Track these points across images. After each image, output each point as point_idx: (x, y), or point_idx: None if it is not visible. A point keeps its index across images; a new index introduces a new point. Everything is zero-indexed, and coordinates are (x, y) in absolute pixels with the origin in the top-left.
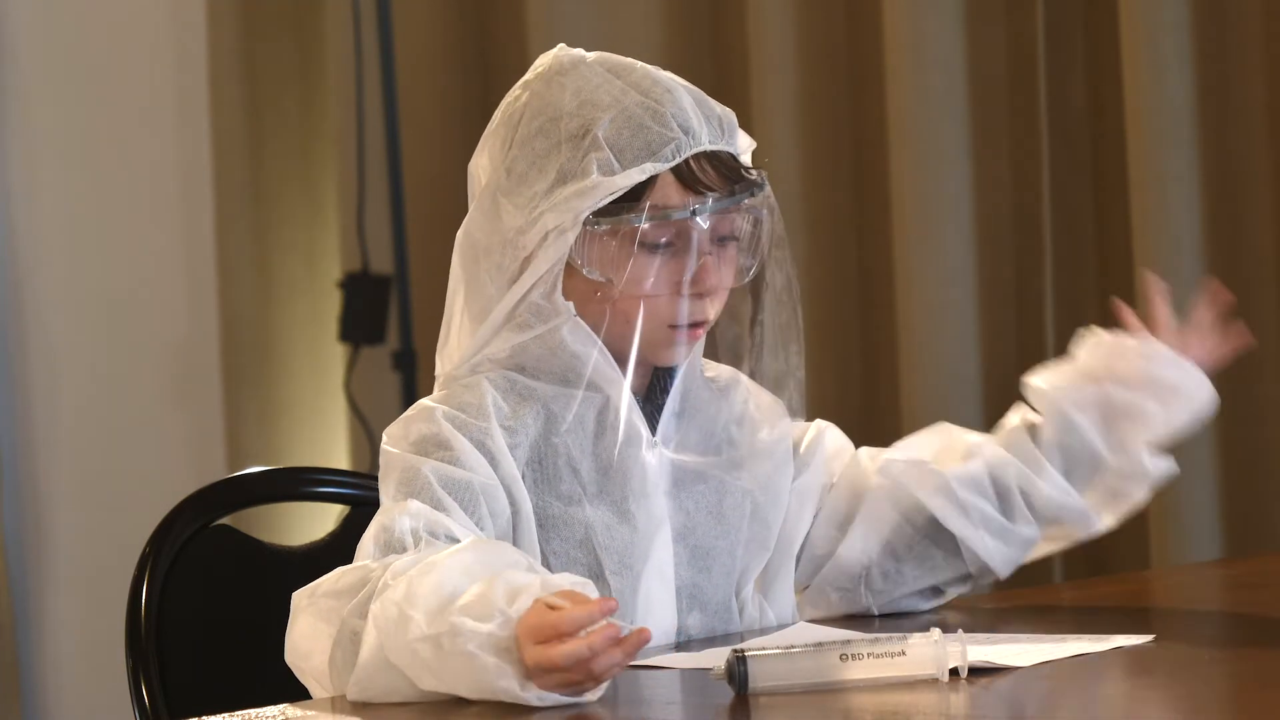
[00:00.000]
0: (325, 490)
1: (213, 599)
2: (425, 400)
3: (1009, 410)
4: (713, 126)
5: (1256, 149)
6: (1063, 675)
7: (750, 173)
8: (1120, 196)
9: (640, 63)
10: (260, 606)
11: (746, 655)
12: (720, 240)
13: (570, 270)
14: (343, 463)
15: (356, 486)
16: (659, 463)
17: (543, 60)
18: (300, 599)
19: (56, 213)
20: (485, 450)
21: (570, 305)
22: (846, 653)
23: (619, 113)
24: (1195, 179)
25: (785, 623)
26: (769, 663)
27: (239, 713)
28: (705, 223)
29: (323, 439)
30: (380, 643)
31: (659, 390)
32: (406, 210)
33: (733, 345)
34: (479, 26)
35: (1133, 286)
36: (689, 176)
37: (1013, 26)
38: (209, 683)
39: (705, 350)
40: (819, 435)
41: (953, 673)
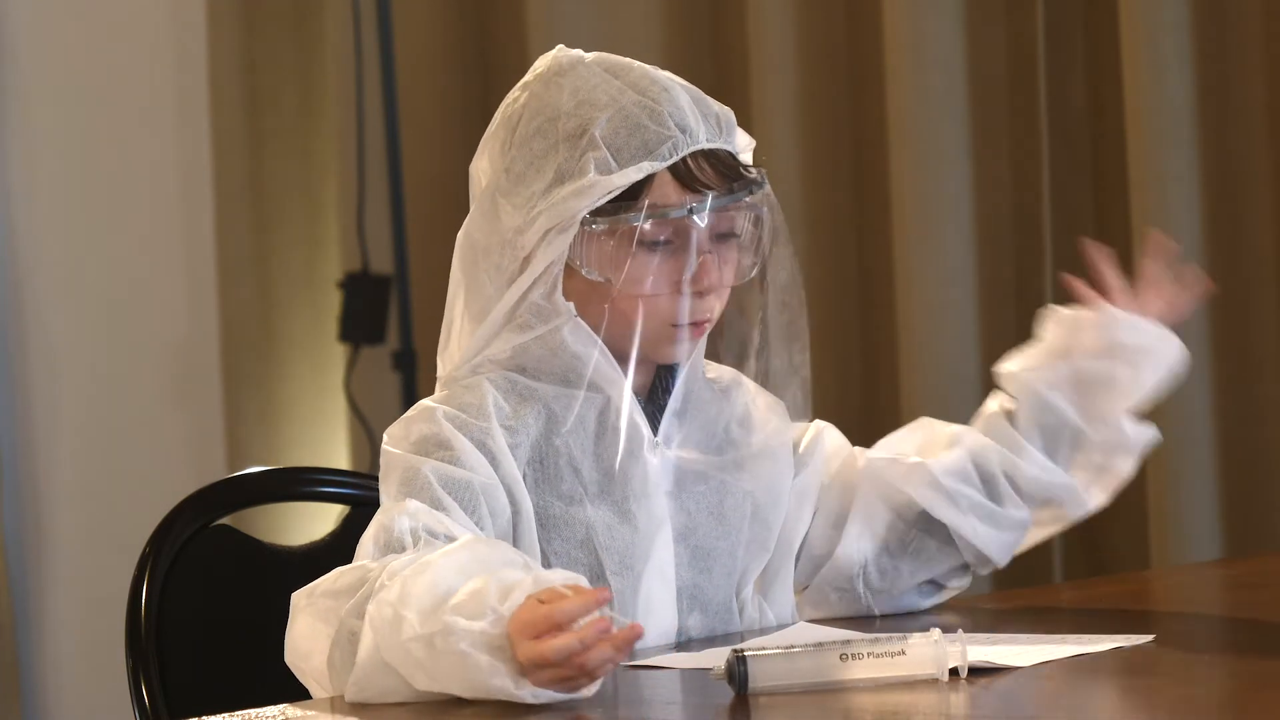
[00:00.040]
0: (325, 490)
1: (213, 599)
2: (426, 400)
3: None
4: (710, 125)
5: (1256, 149)
6: (1063, 675)
7: (749, 171)
8: (1120, 196)
9: (638, 63)
10: (260, 606)
11: (746, 655)
12: (720, 238)
13: (571, 271)
14: (343, 463)
15: (356, 486)
16: (660, 463)
17: (541, 62)
18: (299, 599)
19: (56, 213)
20: (486, 450)
21: (571, 306)
22: (846, 653)
23: (616, 112)
24: (1195, 179)
25: (785, 623)
26: (769, 663)
27: (239, 713)
28: (703, 221)
29: (323, 439)
30: (376, 643)
31: (661, 390)
32: (406, 210)
33: (738, 344)
34: (479, 26)
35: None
36: (686, 175)
37: (1013, 26)
38: (209, 683)
39: (710, 350)
40: (818, 435)
41: (953, 673)
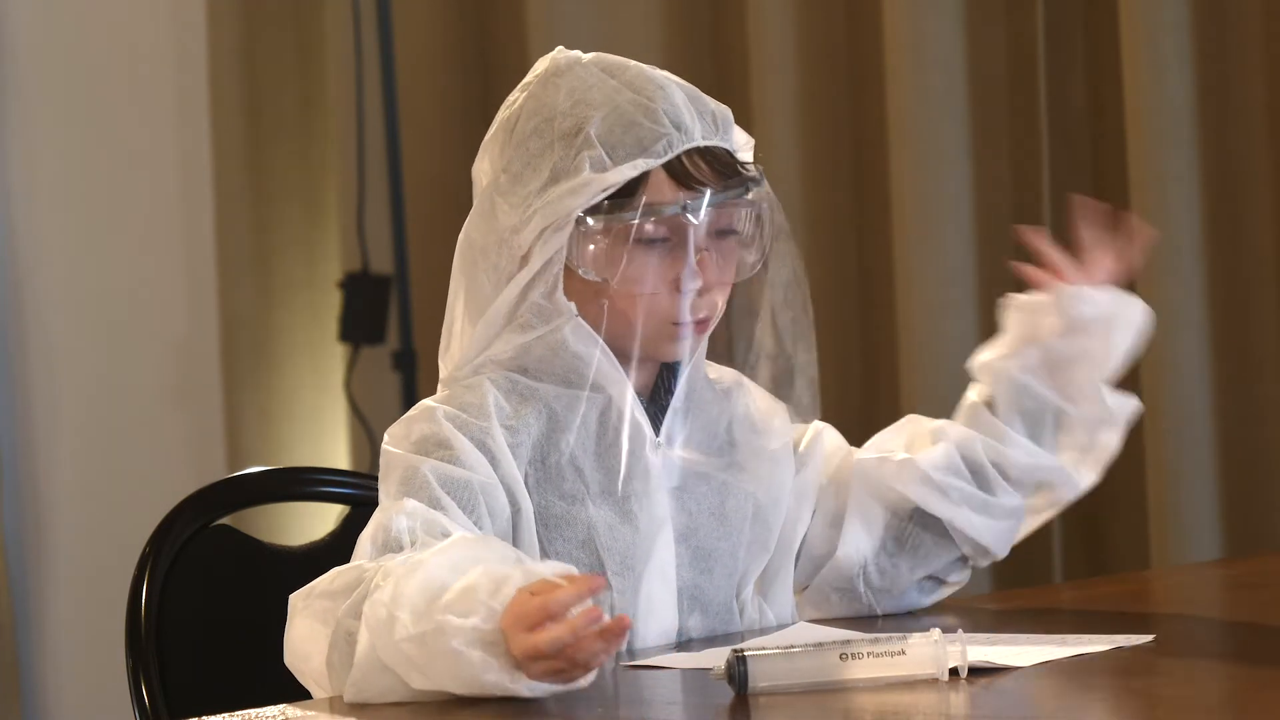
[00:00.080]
0: (325, 490)
1: (213, 599)
2: (427, 400)
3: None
4: (706, 122)
5: (1256, 149)
6: (1063, 675)
7: (746, 168)
8: (1120, 196)
9: (636, 62)
10: (260, 606)
11: (746, 655)
12: (718, 235)
13: (571, 270)
14: (343, 463)
15: (356, 486)
16: (662, 463)
17: (541, 63)
18: (297, 601)
19: (56, 213)
20: (486, 450)
21: (572, 305)
22: (846, 652)
23: (611, 110)
24: (1195, 179)
25: (785, 623)
26: (769, 662)
27: (239, 713)
28: (697, 218)
29: (323, 439)
30: (372, 643)
31: (663, 391)
32: (406, 210)
33: (744, 344)
34: (479, 26)
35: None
36: (681, 172)
37: (1013, 26)
38: (209, 683)
39: (715, 350)
40: (817, 435)
41: (953, 672)
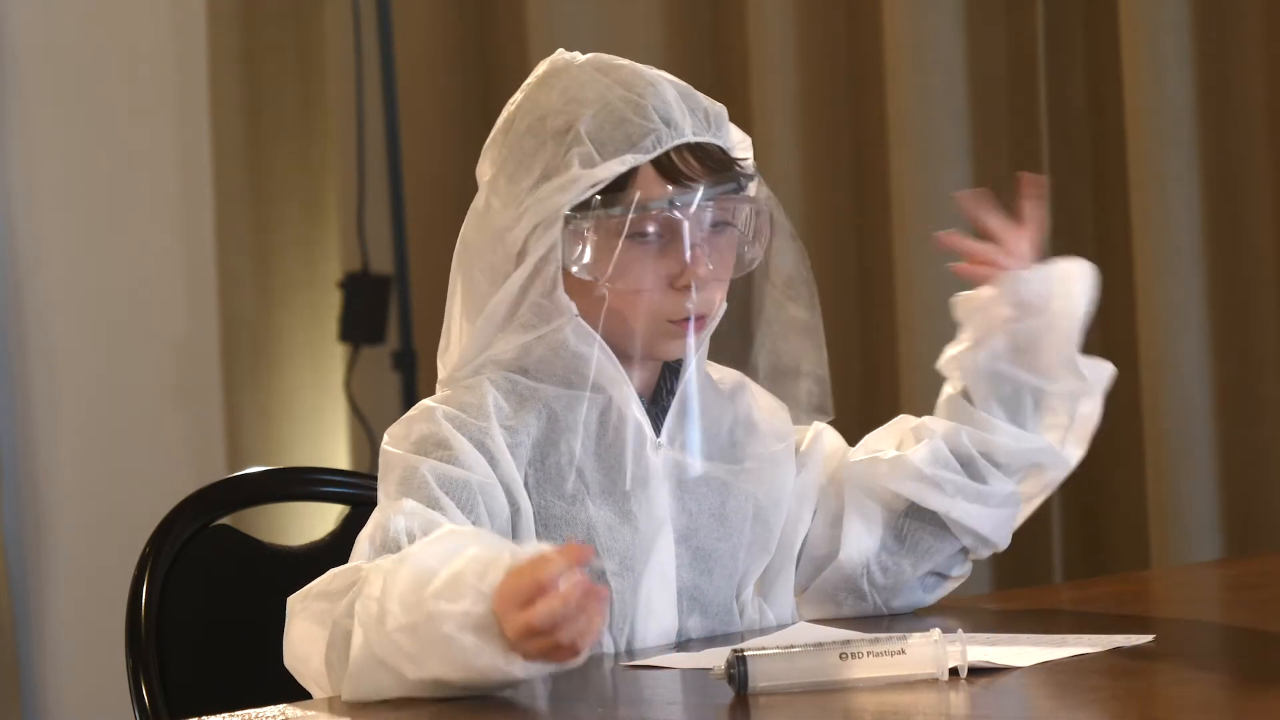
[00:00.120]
0: (325, 490)
1: (213, 599)
2: (426, 401)
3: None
4: (698, 119)
5: (1256, 149)
6: (1063, 675)
7: (739, 164)
8: (1120, 196)
9: (631, 62)
10: (260, 606)
11: (746, 655)
12: (711, 231)
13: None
14: (343, 463)
15: (356, 486)
16: (662, 463)
17: (540, 65)
18: (294, 603)
19: (56, 213)
20: (484, 450)
21: (572, 304)
22: (846, 652)
23: (601, 107)
24: (1195, 179)
25: (785, 624)
26: (769, 662)
27: (239, 713)
28: (685, 213)
29: (323, 439)
30: (366, 639)
31: (665, 391)
32: (406, 210)
33: (749, 344)
34: (479, 26)
35: (1133, 286)
36: (670, 168)
37: (1013, 26)
38: (209, 683)
39: (720, 351)
40: (817, 436)
41: (953, 672)
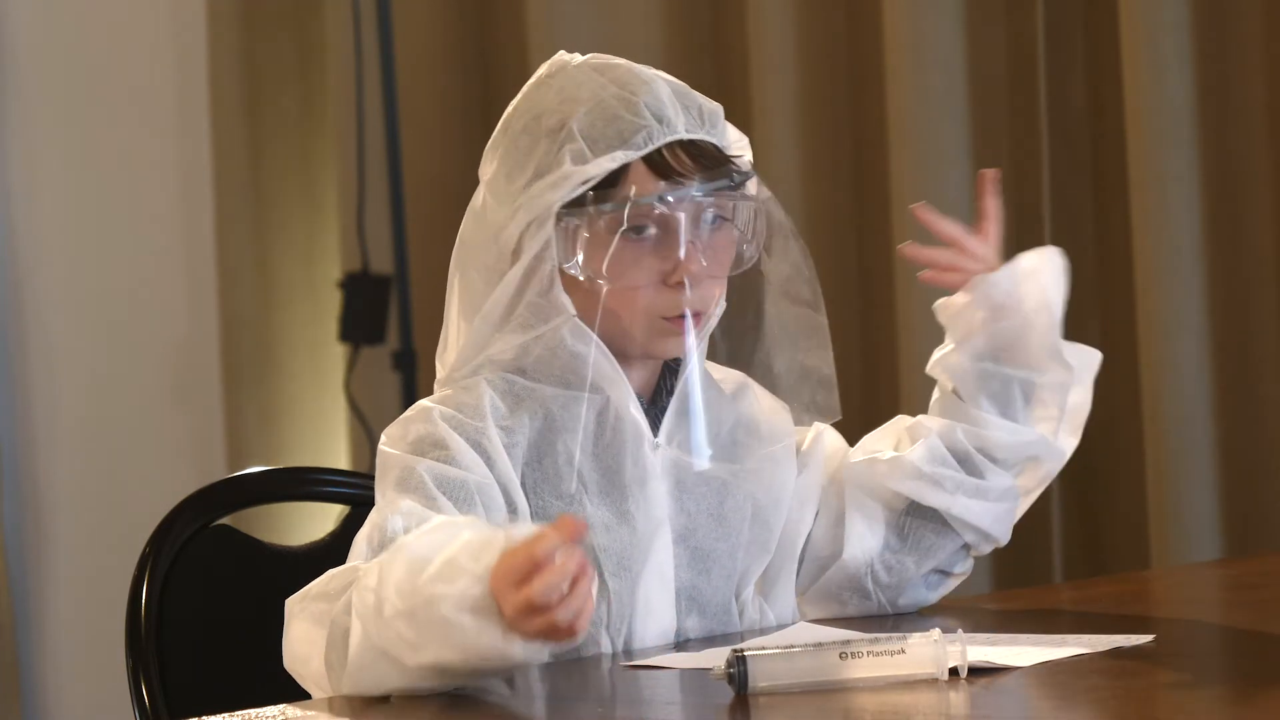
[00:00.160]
0: (325, 490)
1: (213, 599)
2: (424, 401)
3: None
4: (691, 116)
5: (1256, 149)
6: (1063, 675)
7: (734, 162)
8: (1120, 196)
9: (629, 61)
10: (260, 606)
11: (746, 655)
12: (704, 227)
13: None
14: (343, 463)
15: (356, 486)
16: (660, 463)
17: (541, 67)
18: (292, 605)
19: (56, 213)
20: (481, 450)
21: (569, 303)
22: (846, 652)
23: (594, 105)
24: (1195, 179)
25: (785, 623)
26: (769, 662)
27: (239, 713)
28: (675, 209)
29: (323, 439)
30: (364, 630)
31: (665, 392)
32: (406, 210)
33: (754, 345)
34: (479, 26)
35: (1133, 286)
36: (662, 165)
37: (1013, 26)
38: (209, 683)
39: (723, 351)
40: (818, 436)
41: (953, 672)
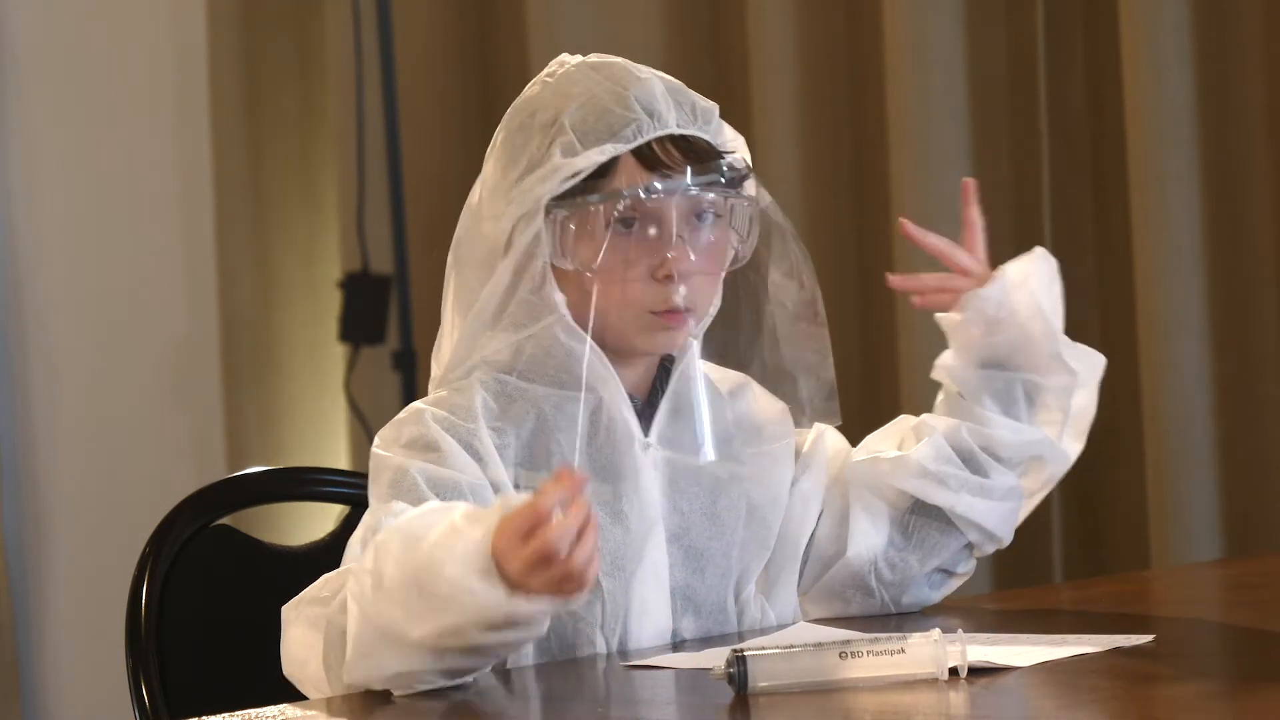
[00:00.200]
0: (325, 490)
1: (213, 599)
2: (416, 403)
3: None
4: (684, 112)
5: (1256, 149)
6: (1063, 675)
7: (726, 158)
8: (1120, 196)
9: (627, 60)
10: (260, 606)
11: (746, 655)
12: (697, 224)
13: (561, 269)
14: (343, 463)
15: (356, 486)
16: (653, 463)
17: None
18: (288, 611)
19: (56, 213)
20: (473, 451)
21: (561, 300)
22: (846, 651)
23: (587, 100)
24: (1195, 179)
25: (786, 623)
26: (768, 662)
27: (239, 713)
28: (662, 202)
29: (323, 439)
30: (363, 614)
31: (660, 391)
32: (406, 210)
33: (754, 347)
34: (479, 26)
35: (1133, 286)
36: (651, 158)
37: (1013, 26)
38: (209, 683)
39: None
40: (819, 437)
41: (953, 672)
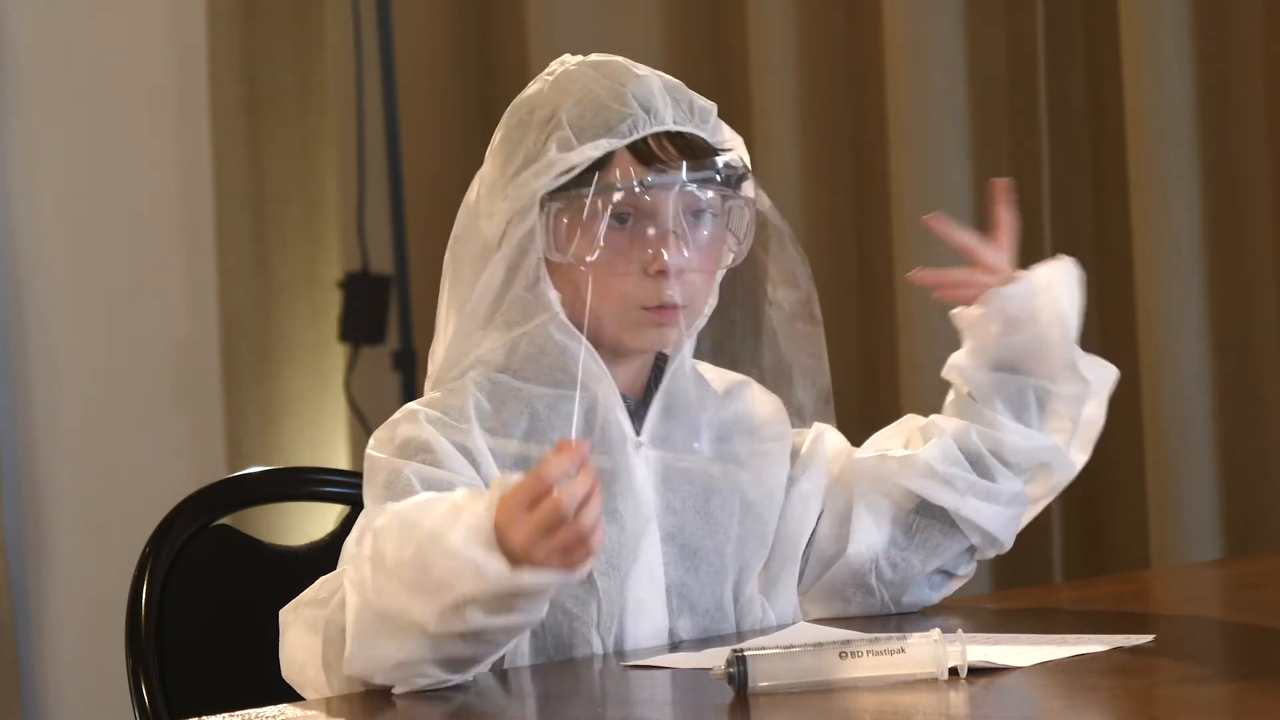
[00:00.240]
0: (325, 490)
1: (213, 599)
2: (411, 404)
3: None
4: (681, 109)
5: (1256, 149)
6: (1063, 675)
7: (722, 155)
8: (1120, 196)
9: (627, 60)
10: (260, 606)
11: (746, 655)
12: (690, 220)
13: (555, 265)
14: (343, 463)
15: (356, 486)
16: (645, 462)
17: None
18: (286, 614)
19: (56, 213)
20: (466, 452)
21: (555, 297)
22: (846, 651)
23: (584, 96)
24: (1195, 179)
25: (786, 623)
26: (768, 662)
27: (239, 713)
28: (655, 196)
29: (323, 439)
30: (363, 600)
31: (653, 392)
32: (406, 210)
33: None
34: (479, 26)
35: (1133, 286)
36: (647, 154)
37: (1013, 26)
38: (209, 683)
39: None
40: (819, 437)
41: (953, 672)
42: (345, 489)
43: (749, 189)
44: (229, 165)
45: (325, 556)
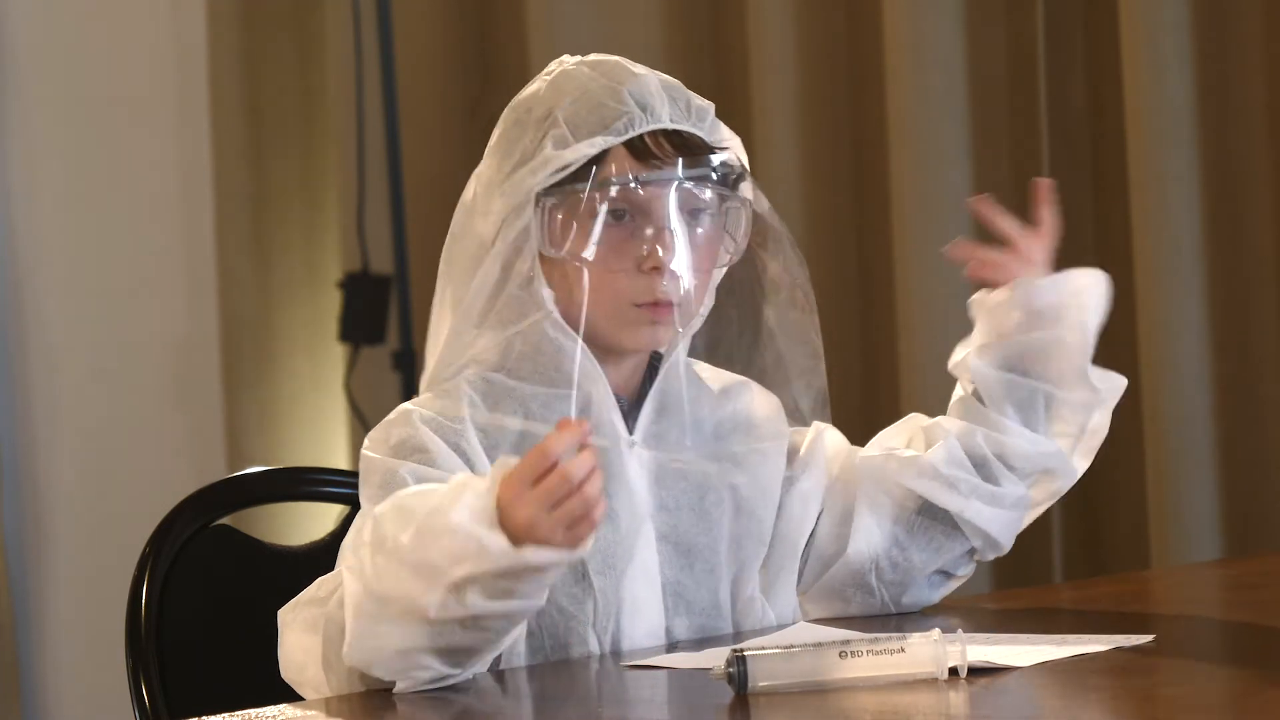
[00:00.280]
0: (325, 490)
1: (213, 599)
2: (405, 404)
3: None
4: (678, 108)
5: (1256, 149)
6: (1063, 675)
7: (719, 153)
8: (1120, 196)
9: (625, 60)
10: (260, 606)
11: (746, 655)
12: (686, 218)
13: (550, 263)
14: (343, 463)
15: (356, 486)
16: (639, 461)
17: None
18: (284, 615)
19: (56, 213)
20: (460, 452)
21: (550, 296)
22: (846, 651)
23: (580, 94)
24: (1195, 179)
25: (786, 623)
26: (768, 662)
27: (239, 713)
28: (650, 193)
29: (323, 439)
30: (364, 587)
31: (649, 392)
32: (406, 210)
33: (746, 350)
34: (479, 26)
35: (1133, 286)
36: (643, 151)
37: (1013, 26)
38: (209, 683)
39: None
40: (818, 436)
41: (952, 672)
42: (345, 489)
43: (747, 190)
44: (229, 165)
45: (325, 556)
